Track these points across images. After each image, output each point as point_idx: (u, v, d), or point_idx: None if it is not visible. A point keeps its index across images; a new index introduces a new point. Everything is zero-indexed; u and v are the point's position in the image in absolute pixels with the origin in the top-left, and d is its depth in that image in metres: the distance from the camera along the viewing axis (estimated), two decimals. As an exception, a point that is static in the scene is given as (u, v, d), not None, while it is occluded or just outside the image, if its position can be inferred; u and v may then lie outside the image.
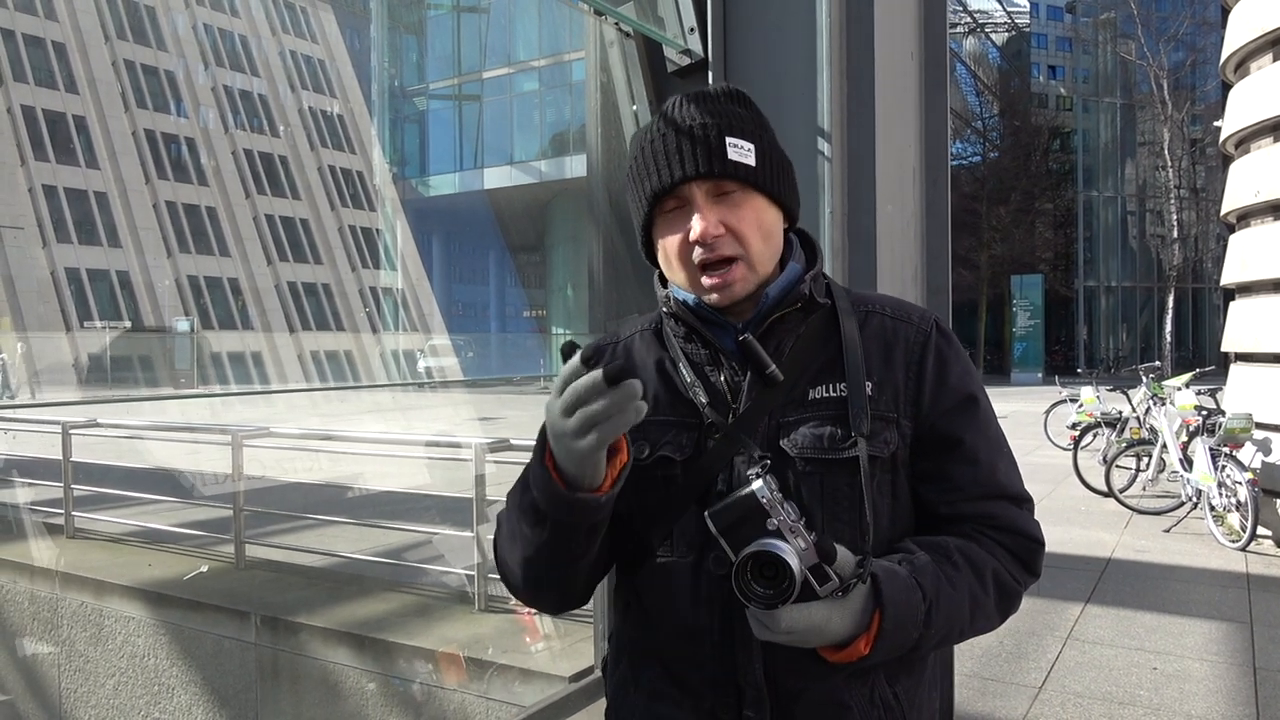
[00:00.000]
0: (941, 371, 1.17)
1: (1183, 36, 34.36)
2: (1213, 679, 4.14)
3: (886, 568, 1.05)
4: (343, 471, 7.94)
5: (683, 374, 1.19)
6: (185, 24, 45.06)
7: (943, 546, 1.12)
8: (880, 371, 1.16)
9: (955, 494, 1.15)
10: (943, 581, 1.07)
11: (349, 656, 4.32)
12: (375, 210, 46.43)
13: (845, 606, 1.00)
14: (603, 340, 1.31)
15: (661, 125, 1.17)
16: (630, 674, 1.22)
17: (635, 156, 1.19)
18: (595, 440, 0.96)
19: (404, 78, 38.20)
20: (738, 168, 1.13)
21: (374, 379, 35.44)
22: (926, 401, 1.16)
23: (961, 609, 1.09)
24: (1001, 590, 1.14)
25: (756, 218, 1.15)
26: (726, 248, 1.13)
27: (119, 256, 39.38)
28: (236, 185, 44.38)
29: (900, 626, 1.03)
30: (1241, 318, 7.98)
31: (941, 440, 1.16)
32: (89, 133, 40.19)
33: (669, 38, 2.67)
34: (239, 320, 42.29)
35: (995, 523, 1.15)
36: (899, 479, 1.15)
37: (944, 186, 2.99)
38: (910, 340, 1.18)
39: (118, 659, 5.23)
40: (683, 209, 1.15)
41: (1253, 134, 8.03)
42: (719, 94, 1.19)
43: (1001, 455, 1.19)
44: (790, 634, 1.00)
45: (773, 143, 1.19)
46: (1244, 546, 6.36)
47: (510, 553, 1.15)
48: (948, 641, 1.13)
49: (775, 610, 0.98)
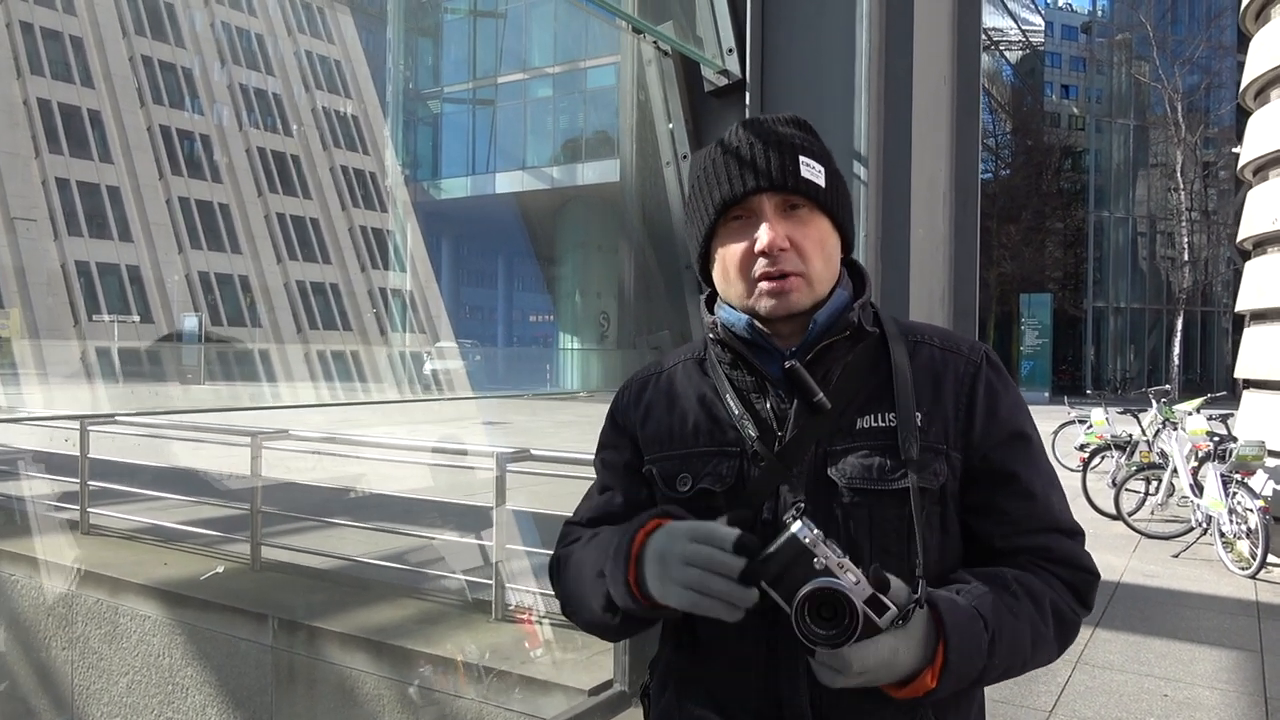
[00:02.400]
0: (992, 404, 1.16)
1: (1198, 60, 34.37)
2: (1223, 708, 4.13)
3: (946, 597, 1.05)
4: (359, 475, 7.94)
5: (729, 404, 1.18)
6: (203, 21, 45.26)
7: (999, 577, 1.11)
8: (929, 403, 1.15)
9: (1010, 528, 1.15)
10: (1004, 611, 1.07)
11: (365, 662, 4.31)
12: (386, 211, 46.53)
13: (909, 636, 1.00)
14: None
15: (730, 144, 1.17)
16: (675, 702, 1.23)
17: (703, 169, 1.19)
18: (689, 602, 1.02)
19: (419, 80, 38.33)
20: (809, 185, 1.14)
21: (380, 381, 35.44)
22: (977, 434, 1.15)
23: (1023, 639, 1.08)
24: (1060, 621, 1.13)
25: (820, 238, 1.16)
26: (789, 263, 1.13)
27: (130, 251, 39.48)
28: (249, 183, 44.51)
29: (965, 657, 1.03)
30: (1256, 345, 7.97)
31: (994, 474, 1.15)
32: (104, 127, 40.32)
33: (707, 58, 2.69)
34: (248, 318, 42.39)
35: (1050, 555, 1.15)
36: (948, 512, 1.15)
37: (973, 210, 3.01)
38: (960, 372, 1.17)
39: (132, 658, 5.23)
40: (749, 220, 1.15)
41: (1271, 161, 8.04)
42: (788, 120, 1.20)
43: (1054, 489, 1.18)
44: (863, 674, 0.99)
45: (838, 172, 1.20)
46: (1254, 574, 6.35)
47: (577, 604, 1.21)
48: (1010, 673, 1.12)
49: (841, 650, 0.97)
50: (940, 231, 2.87)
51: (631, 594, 1.07)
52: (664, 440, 1.23)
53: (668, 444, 1.22)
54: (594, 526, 1.27)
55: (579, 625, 1.23)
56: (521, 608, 4.66)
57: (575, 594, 1.20)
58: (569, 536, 1.30)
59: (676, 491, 1.20)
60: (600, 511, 1.29)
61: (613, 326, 28.18)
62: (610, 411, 1.33)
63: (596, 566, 1.15)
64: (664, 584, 1.03)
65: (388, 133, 42.59)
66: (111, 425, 7.33)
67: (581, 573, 1.18)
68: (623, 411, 1.30)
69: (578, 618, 1.22)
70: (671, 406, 1.25)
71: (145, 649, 5.20)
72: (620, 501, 1.27)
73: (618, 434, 1.30)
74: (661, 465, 1.22)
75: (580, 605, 1.19)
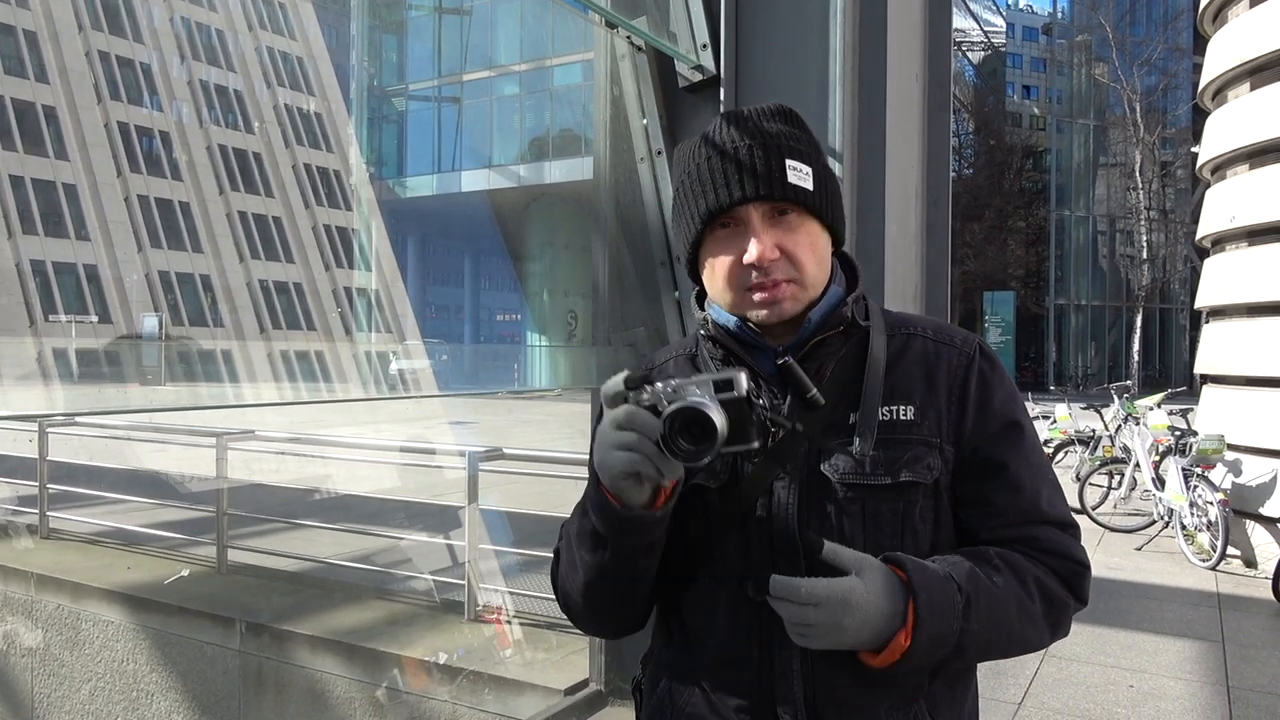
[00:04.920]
0: (984, 396, 1.15)
1: (1156, 61, 35.05)
2: (1188, 697, 4.20)
3: (916, 561, 1.05)
4: (327, 475, 7.84)
5: None
6: (161, 16, 44.53)
7: (980, 551, 1.11)
8: (922, 395, 1.14)
9: (996, 519, 1.13)
10: (980, 577, 1.06)
11: (336, 665, 4.26)
12: (351, 210, 46.09)
13: (865, 582, 1.01)
14: (639, 367, 1.30)
15: (716, 142, 1.14)
16: (669, 697, 1.21)
17: (687, 173, 1.16)
18: (625, 461, 1.01)
19: (383, 77, 37.96)
20: (797, 191, 1.11)
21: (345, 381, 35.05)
22: (969, 426, 1.14)
23: (1005, 608, 1.07)
24: (1049, 599, 1.11)
25: (811, 241, 1.14)
26: (780, 272, 1.11)
27: (87, 250, 38.77)
28: (210, 181, 43.87)
29: (938, 614, 1.02)
30: (1215, 340, 8.13)
31: (984, 466, 1.14)
32: (59, 123, 39.56)
33: (681, 53, 2.68)
34: (209, 318, 41.78)
35: (1038, 545, 1.13)
36: (942, 505, 1.13)
37: (945, 207, 3.03)
38: (953, 364, 1.16)
39: (95, 664, 5.12)
40: (737, 229, 1.13)
41: (1229, 160, 8.19)
42: (774, 112, 1.17)
43: (1045, 482, 1.17)
44: (819, 606, 0.99)
45: (826, 165, 1.17)
46: (1214, 566, 6.47)
47: (570, 581, 1.17)
48: (996, 645, 1.10)
49: (792, 578, 1.00)
50: (912, 229, 2.88)
51: (605, 498, 1.06)
52: None
53: None
54: None
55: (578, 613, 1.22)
56: (494, 608, 4.62)
57: (567, 563, 1.19)
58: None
59: None
60: None
61: (580, 325, 28.11)
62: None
63: (577, 523, 1.15)
64: (603, 454, 1.03)
65: (352, 130, 42.16)
66: (72, 427, 7.17)
67: (570, 542, 1.17)
68: None
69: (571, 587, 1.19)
70: None
71: (108, 655, 5.10)
72: None
73: None
74: None
75: (573, 572, 1.17)
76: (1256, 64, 7.77)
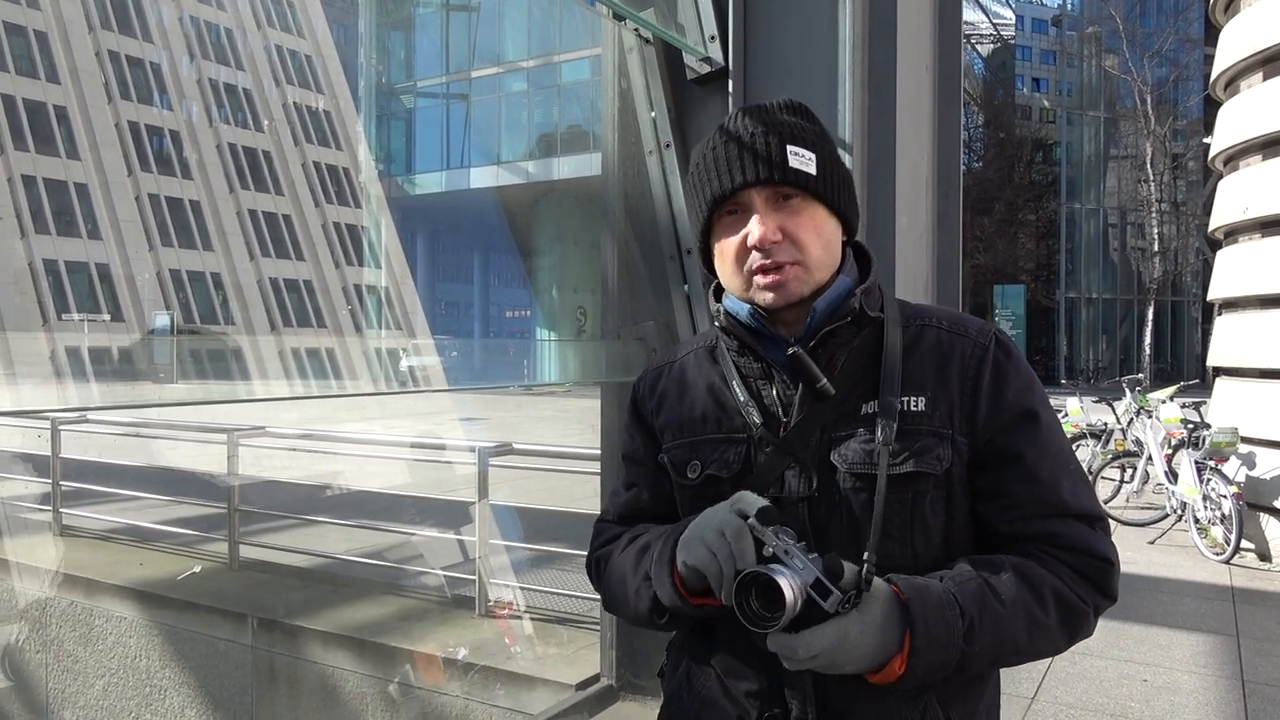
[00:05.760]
0: (998, 386, 1.15)
1: (1166, 52, 34.78)
2: (1202, 691, 4.18)
3: (917, 584, 1.05)
4: (338, 471, 7.87)
5: (735, 392, 1.19)
6: (171, 15, 44.67)
7: (994, 563, 1.10)
8: (935, 387, 1.14)
9: (1014, 512, 1.13)
10: (988, 597, 1.06)
11: (347, 660, 4.27)
12: (360, 207, 46.15)
13: (862, 621, 1.01)
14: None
15: (723, 134, 1.17)
16: (686, 680, 1.24)
17: (696, 164, 1.20)
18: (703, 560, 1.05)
19: (391, 75, 37.99)
20: (798, 175, 1.13)
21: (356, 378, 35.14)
22: (983, 417, 1.13)
23: (1014, 626, 1.06)
24: (1065, 610, 1.10)
25: (815, 225, 1.15)
26: (783, 254, 1.13)
27: (99, 249, 38.96)
28: (220, 179, 44.01)
29: (935, 643, 1.02)
30: (1228, 333, 8.07)
31: (999, 457, 1.13)
32: (70, 123, 39.74)
33: (689, 45, 2.66)
34: (220, 315, 41.92)
35: (1059, 541, 1.12)
36: (954, 497, 1.13)
37: (956, 199, 3.01)
38: (967, 355, 1.16)
39: (108, 660, 5.15)
40: (741, 214, 1.15)
41: (1242, 151, 8.13)
42: (781, 106, 1.19)
43: (1066, 473, 1.15)
44: (816, 657, 1.00)
45: (834, 155, 1.18)
46: (1228, 559, 6.43)
47: (622, 609, 1.26)
48: (1003, 661, 1.11)
49: (791, 636, 1.00)
50: (923, 220, 2.87)
51: (679, 593, 1.12)
52: (676, 428, 1.26)
53: (679, 432, 1.25)
54: (625, 524, 1.32)
55: (620, 613, 1.29)
56: (505, 603, 4.63)
57: (619, 596, 1.24)
58: (603, 535, 1.34)
59: (686, 479, 1.22)
60: (629, 508, 1.33)
61: (590, 320, 28.09)
62: (629, 402, 1.36)
63: (641, 570, 1.19)
64: (694, 535, 1.08)
65: (360, 128, 42.19)
66: (84, 424, 7.20)
67: (625, 576, 1.22)
68: (640, 402, 1.33)
69: (621, 615, 1.29)
70: (683, 395, 1.27)
71: (122, 651, 5.12)
72: (646, 497, 1.31)
73: (636, 424, 1.33)
74: (674, 453, 1.25)
75: (625, 607, 1.23)
76: (1269, 53, 7.71)
